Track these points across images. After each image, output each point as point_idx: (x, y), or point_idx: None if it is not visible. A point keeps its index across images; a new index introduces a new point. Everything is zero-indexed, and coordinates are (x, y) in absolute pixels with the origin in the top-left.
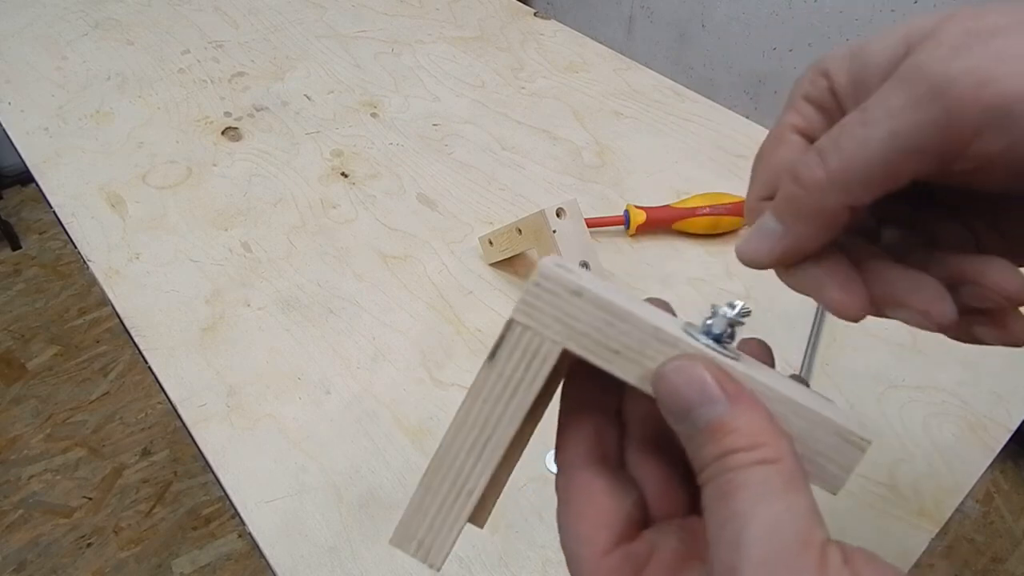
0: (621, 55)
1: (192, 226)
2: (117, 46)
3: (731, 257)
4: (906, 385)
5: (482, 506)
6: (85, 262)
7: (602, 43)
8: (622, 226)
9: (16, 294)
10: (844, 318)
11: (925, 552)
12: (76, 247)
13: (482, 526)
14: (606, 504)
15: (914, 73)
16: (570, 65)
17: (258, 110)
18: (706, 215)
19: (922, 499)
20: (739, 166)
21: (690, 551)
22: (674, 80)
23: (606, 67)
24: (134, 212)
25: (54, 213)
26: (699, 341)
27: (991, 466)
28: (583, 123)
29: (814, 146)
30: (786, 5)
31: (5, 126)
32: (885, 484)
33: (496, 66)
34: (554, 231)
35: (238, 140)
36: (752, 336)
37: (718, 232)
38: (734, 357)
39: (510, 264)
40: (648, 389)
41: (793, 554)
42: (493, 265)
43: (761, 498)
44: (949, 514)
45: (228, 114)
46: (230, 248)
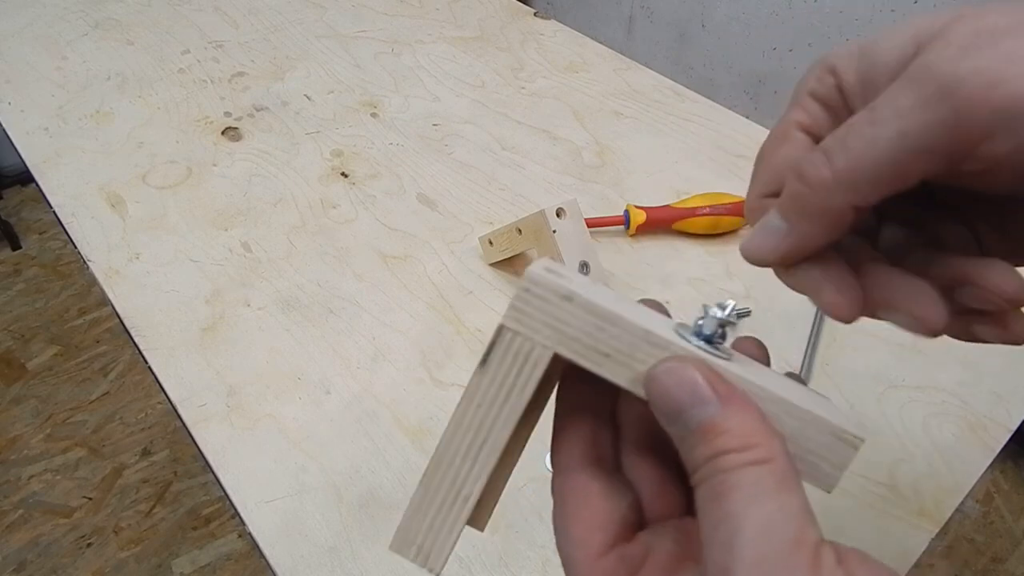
0: (621, 55)
1: (192, 226)
2: (117, 46)
3: (731, 257)
4: (906, 385)
5: (481, 509)
6: (85, 262)
7: (602, 43)
8: (622, 226)
9: (16, 294)
10: (837, 319)
11: (925, 552)
12: (76, 247)
13: (482, 529)
14: (601, 506)
15: (923, 73)
16: (570, 65)
17: (258, 110)
18: (706, 215)
19: (922, 499)
20: (739, 166)
21: (685, 552)
22: (674, 80)
23: (606, 67)
24: (134, 212)
25: (54, 213)
26: (690, 342)
27: (991, 466)
28: (583, 123)
29: (820, 145)
30: (786, 5)
31: (5, 126)
32: (885, 484)
33: (496, 66)
34: (554, 231)
35: (238, 140)
36: (753, 336)
37: (718, 232)
38: (726, 357)
39: (510, 264)
40: (640, 392)
41: (786, 554)
42: (493, 265)
43: (754, 499)
44: (949, 514)
45: (228, 114)
46: (230, 248)
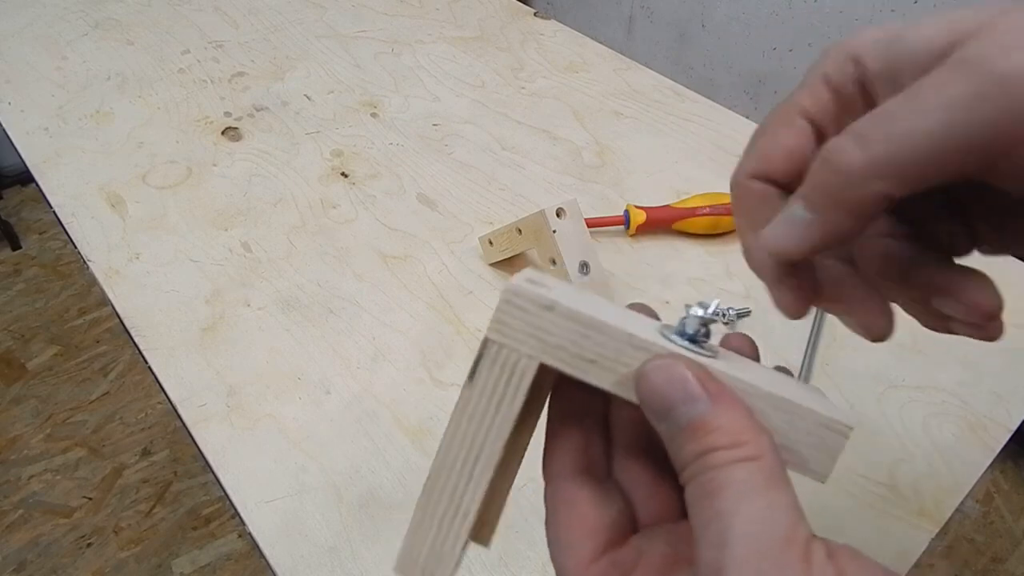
0: (621, 55)
1: (192, 226)
2: (117, 46)
3: (731, 257)
4: (906, 385)
5: (484, 524)
6: (85, 262)
7: (602, 43)
8: (622, 226)
9: (16, 294)
10: (785, 315)
11: (925, 552)
12: (76, 247)
13: (487, 545)
14: (590, 513)
15: (976, 65)
16: (570, 65)
17: (258, 110)
18: (706, 215)
19: (922, 499)
20: None
21: (679, 554)
22: (674, 80)
23: (606, 67)
24: (134, 212)
25: (54, 213)
26: (674, 343)
27: (991, 466)
28: (583, 123)
29: (852, 129)
30: (786, 5)
31: (5, 126)
32: (885, 484)
33: (496, 66)
34: (554, 231)
35: (238, 140)
36: (753, 336)
37: (718, 232)
38: (711, 355)
39: (510, 264)
40: (630, 395)
41: (777, 551)
42: (493, 265)
43: (744, 496)
44: (949, 514)
45: (228, 114)
46: (230, 248)
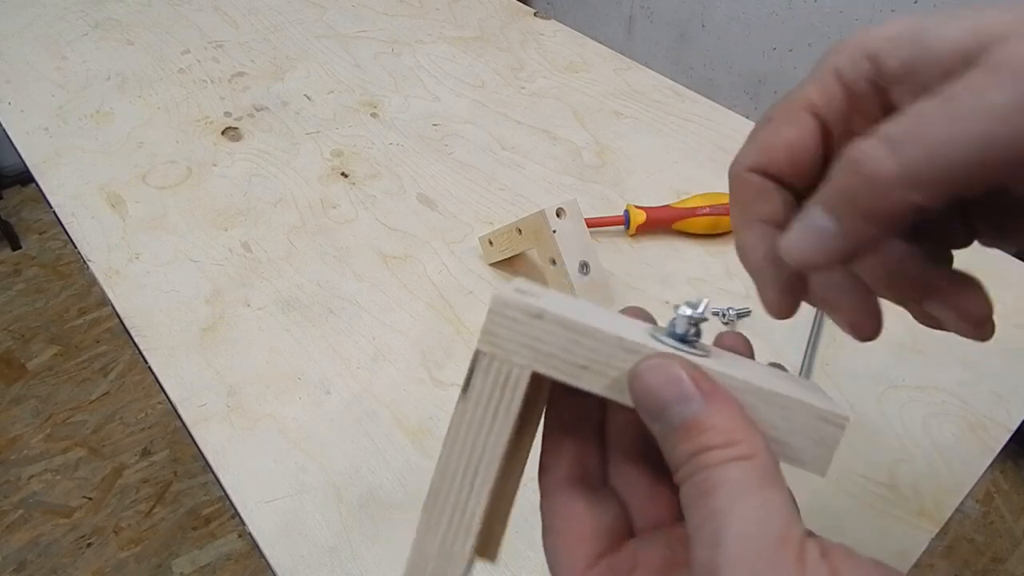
0: (621, 55)
1: (192, 226)
2: (117, 46)
3: (731, 257)
4: (906, 385)
5: (489, 539)
6: (85, 262)
7: (602, 43)
8: (622, 226)
9: (16, 294)
10: (772, 316)
11: (925, 552)
12: (76, 247)
13: (494, 560)
14: (584, 521)
15: (1020, 72)
16: (570, 65)
17: (258, 110)
18: (706, 215)
19: (922, 499)
20: None
21: (677, 557)
22: (674, 80)
23: (606, 67)
24: (134, 212)
25: (54, 213)
26: (665, 344)
27: (991, 466)
28: (583, 123)
29: (882, 133)
30: (786, 5)
31: (5, 126)
32: (885, 484)
33: (496, 66)
34: (554, 231)
35: (238, 140)
36: (754, 336)
37: (718, 232)
38: (703, 354)
39: (510, 264)
40: (624, 399)
41: (772, 550)
42: (493, 265)
43: (738, 495)
44: (949, 514)
45: (228, 114)
46: (230, 248)
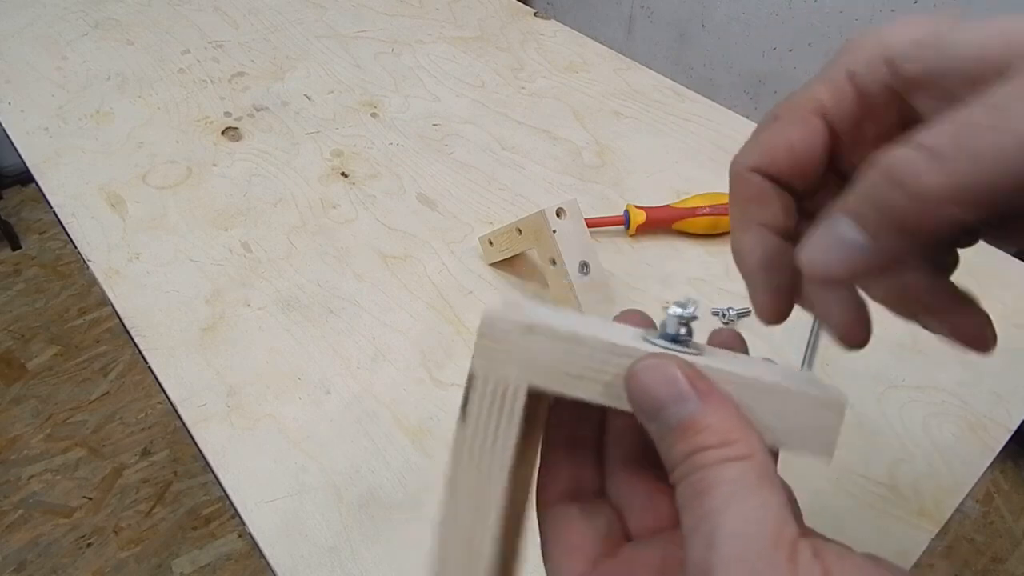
0: (621, 55)
1: (192, 226)
2: (117, 46)
3: (731, 257)
4: (906, 385)
5: (504, 567)
6: (85, 262)
7: (602, 43)
8: (622, 226)
9: (16, 294)
10: (763, 320)
11: (925, 552)
12: (76, 247)
13: None
14: (578, 529)
15: None
16: (570, 65)
17: (258, 110)
18: (706, 215)
19: (922, 499)
20: None
21: (675, 558)
22: (674, 80)
23: (606, 67)
24: (134, 212)
25: (54, 213)
26: (657, 345)
27: (991, 466)
28: (583, 123)
29: (923, 143)
30: (786, 5)
31: (5, 126)
32: (885, 484)
33: (496, 66)
34: (554, 231)
35: (238, 140)
36: (754, 337)
37: (718, 232)
38: (696, 352)
39: (510, 264)
40: (621, 404)
41: (765, 551)
42: (493, 265)
43: (733, 495)
44: (949, 514)
45: (228, 114)
46: (230, 248)
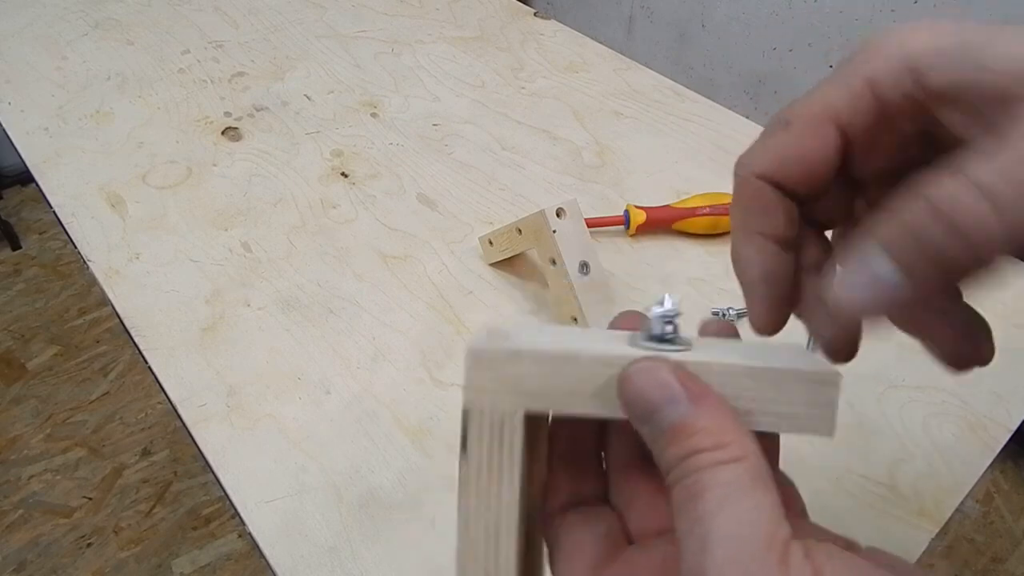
0: (621, 55)
1: (192, 226)
2: (117, 46)
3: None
4: (906, 385)
5: None
6: (85, 262)
7: (602, 43)
8: (622, 226)
9: (16, 294)
10: (758, 333)
11: (925, 552)
12: (76, 247)
13: None
14: (579, 535)
15: None
16: (570, 65)
17: (258, 110)
18: (706, 215)
19: (922, 499)
20: None
21: (676, 561)
22: (674, 80)
23: (606, 67)
24: (134, 212)
25: (54, 213)
26: (644, 348)
27: (991, 466)
28: (583, 123)
29: (971, 178)
30: (786, 5)
31: (5, 126)
32: (885, 484)
33: (496, 66)
34: (554, 231)
35: (238, 140)
36: (753, 337)
37: (718, 232)
38: (684, 348)
39: (510, 264)
40: (616, 413)
41: (758, 553)
42: (493, 265)
43: (727, 498)
44: (949, 514)
45: (228, 114)
46: (230, 248)
